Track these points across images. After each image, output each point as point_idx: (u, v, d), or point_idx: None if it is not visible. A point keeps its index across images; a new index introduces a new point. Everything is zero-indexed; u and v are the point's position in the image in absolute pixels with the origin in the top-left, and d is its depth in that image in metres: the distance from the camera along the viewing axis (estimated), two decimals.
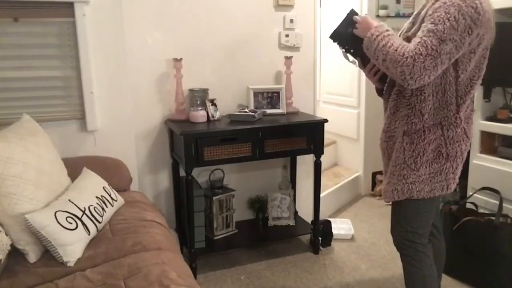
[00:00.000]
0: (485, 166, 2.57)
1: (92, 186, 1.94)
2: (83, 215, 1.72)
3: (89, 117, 2.31)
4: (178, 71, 2.48)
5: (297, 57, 2.81)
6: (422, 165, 1.56)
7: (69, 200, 1.73)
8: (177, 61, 2.46)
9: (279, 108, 2.71)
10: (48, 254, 1.63)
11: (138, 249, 1.70)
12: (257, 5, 2.71)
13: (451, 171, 1.57)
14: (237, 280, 2.45)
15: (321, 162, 2.64)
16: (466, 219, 2.27)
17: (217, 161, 2.38)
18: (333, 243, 2.85)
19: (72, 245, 1.62)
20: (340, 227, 3.02)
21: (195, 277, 2.40)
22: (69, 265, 1.59)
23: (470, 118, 1.59)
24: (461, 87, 1.51)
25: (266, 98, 2.71)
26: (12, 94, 2.18)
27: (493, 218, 2.21)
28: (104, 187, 1.98)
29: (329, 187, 3.42)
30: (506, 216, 2.24)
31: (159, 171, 2.68)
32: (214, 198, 2.61)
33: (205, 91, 2.55)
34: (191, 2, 2.55)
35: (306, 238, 2.90)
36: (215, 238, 2.64)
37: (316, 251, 2.75)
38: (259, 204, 2.89)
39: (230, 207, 2.71)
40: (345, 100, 3.87)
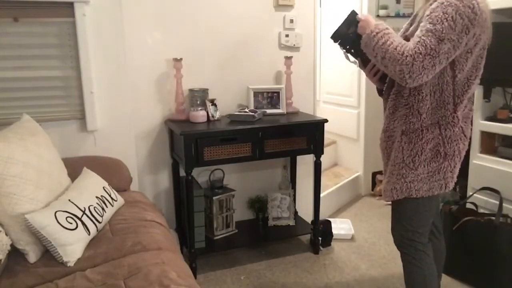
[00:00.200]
0: (485, 166, 2.57)
1: (92, 186, 1.94)
2: (83, 215, 1.72)
3: (89, 117, 2.31)
4: (178, 71, 2.48)
5: (297, 57, 2.81)
6: (420, 164, 1.57)
7: (69, 200, 1.73)
8: (177, 61, 2.46)
9: (279, 108, 2.71)
10: (48, 254, 1.63)
11: (138, 249, 1.70)
12: (257, 5, 2.71)
13: (449, 170, 1.58)
14: (237, 280, 2.45)
15: (321, 162, 2.65)
16: (466, 219, 2.27)
17: (217, 161, 2.38)
18: (333, 243, 2.85)
19: (72, 245, 1.62)
20: (340, 227, 3.02)
21: (195, 277, 2.40)
22: (69, 265, 1.59)
23: (468, 118, 1.60)
24: (458, 86, 1.51)
25: (266, 98, 2.71)
26: (12, 94, 2.18)
27: (493, 218, 2.21)
28: (104, 187, 1.98)
29: (329, 187, 3.42)
30: (506, 216, 2.25)
31: (159, 171, 2.68)
32: (214, 198, 2.61)
33: (205, 91, 2.55)
34: (191, 2, 2.55)
35: (306, 238, 2.90)
36: (215, 238, 2.64)
37: (316, 251, 2.75)
38: (259, 204, 2.89)
39: (230, 207, 2.71)
40: (345, 100, 3.87)
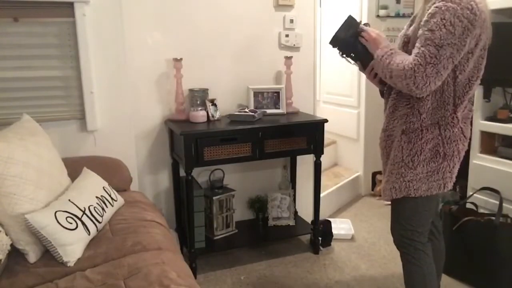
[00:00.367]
0: (485, 166, 2.57)
1: (92, 186, 1.94)
2: (83, 215, 1.72)
3: (89, 117, 2.31)
4: (178, 71, 2.48)
5: (297, 57, 2.81)
6: (420, 164, 1.57)
7: (69, 200, 1.73)
8: (177, 61, 2.46)
9: (279, 108, 2.71)
10: (48, 254, 1.63)
11: (138, 249, 1.70)
12: (257, 5, 2.71)
13: (448, 170, 1.58)
14: (237, 280, 2.45)
15: (321, 162, 2.65)
16: (466, 219, 2.27)
17: (217, 161, 2.38)
18: (333, 243, 2.85)
19: (72, 245, 1.62)
20: (340, 227, 3.02)
21: (195, 277, 2.40)
22: (69, 265, 1.59)
23: (468, 118, 1.60)
24: (459, 87, 1.52)
25: (266, 98, 2.71)
26: (12, 94, 2.18)
27: (493, 218, 2.21)
28: (104, 187, 1.98)
29: (329, 187, 3.42)
30: (506, 216, 2.25)
31: (159, 171, 2.68)
32: (214, 198, 2.61)
33: (205, 91, 2.55)
34: (191, 2, 2.55)
35: (306, 238, 2.90)
36: (215, 238, 2.64)
37: (316, 251, 2.75)
38: (259, 204, 2.89)
39: (230, 207, 2.71)
40: (345, 100, 3.87)
